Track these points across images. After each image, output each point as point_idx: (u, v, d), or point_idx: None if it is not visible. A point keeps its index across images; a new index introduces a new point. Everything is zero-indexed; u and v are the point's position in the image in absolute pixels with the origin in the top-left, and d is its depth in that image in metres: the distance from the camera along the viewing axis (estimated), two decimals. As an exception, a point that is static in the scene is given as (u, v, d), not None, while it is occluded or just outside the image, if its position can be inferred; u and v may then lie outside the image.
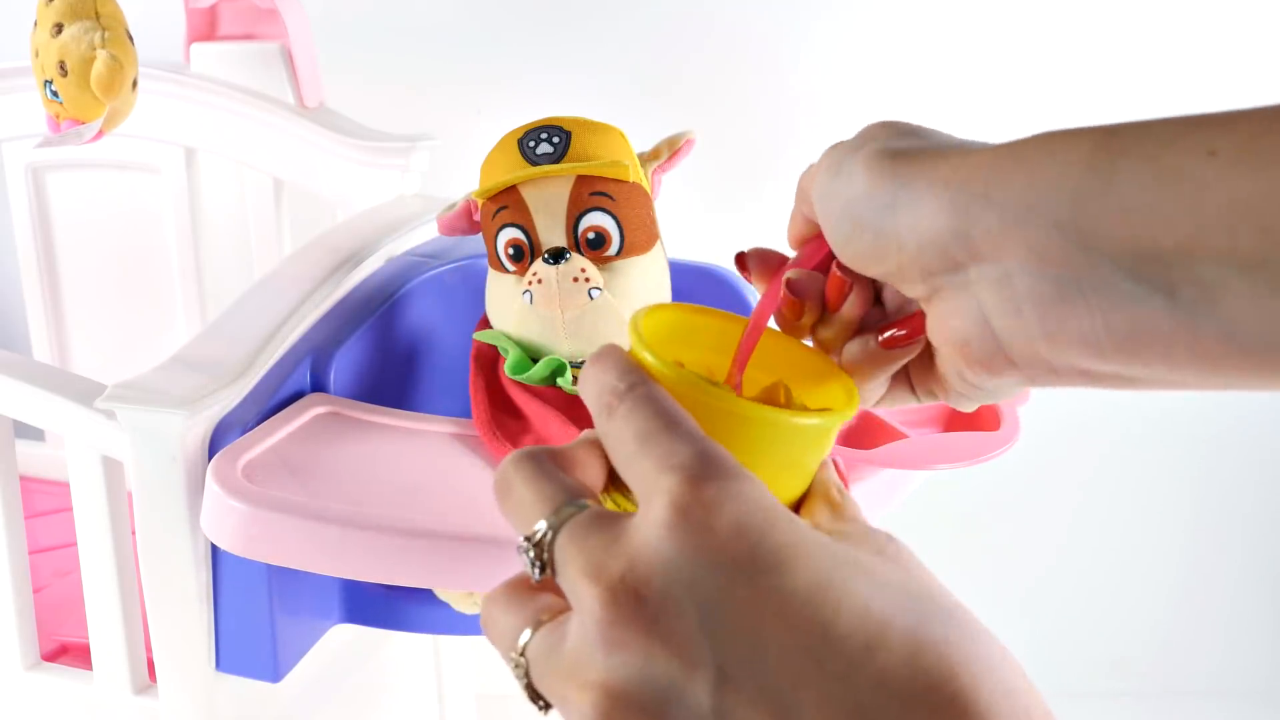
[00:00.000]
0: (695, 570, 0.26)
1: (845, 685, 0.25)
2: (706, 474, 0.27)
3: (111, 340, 1.07)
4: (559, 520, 0.29)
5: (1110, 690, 1.33)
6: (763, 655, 0.26)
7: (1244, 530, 1.30)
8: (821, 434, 0.32)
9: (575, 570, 0.28)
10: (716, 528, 0.27)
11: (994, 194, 0.31)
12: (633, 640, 0.26)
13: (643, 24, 1.14)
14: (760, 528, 0.27)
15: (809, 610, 0.26)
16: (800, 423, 0.32)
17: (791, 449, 0.32)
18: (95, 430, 0.61)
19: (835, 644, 0.26)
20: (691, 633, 0.26)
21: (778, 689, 0.26)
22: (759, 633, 0.26)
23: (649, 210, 0.60)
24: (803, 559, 0.27)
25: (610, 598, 0.27)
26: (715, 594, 0.26)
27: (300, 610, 0.62)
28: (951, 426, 0.60)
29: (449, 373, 0.72)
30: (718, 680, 0.26)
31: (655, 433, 0.29)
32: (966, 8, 1.12)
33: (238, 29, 0.98)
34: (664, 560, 0.27)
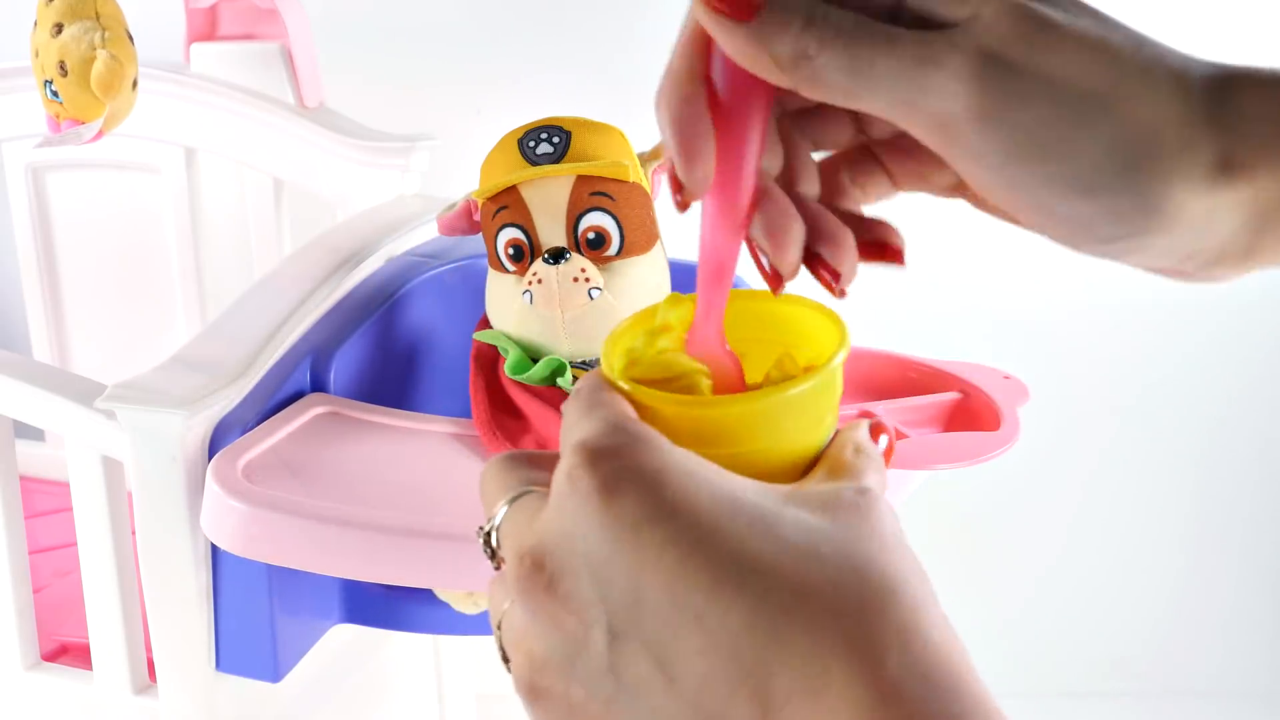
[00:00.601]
0: (584, 533, 0.27)
1: (719, 630, 0.26)
2: (601, 445, 0.28)
3: (111, 340, 1.07)
4: (509, 505, 0.31)
5: (1110, 690, 1.33)
6: (644, 609, 0.26)
7: (1244, 530, 1.30)
8: (801, 400, 0.31)
9: (506, 550, 0.30)
10: (598, 489, 0.27)
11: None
12: (540, 606, 0.28)
13: (642, 24, 1.14)
14: (644, 484, 0.27)
15: (687, 560, 0.26)
16: (766, 402, 0.31)
17: (776, 423, 0.31)
18: (95, 430, 0.61)
19: (713, 592, 0.26)
20: (584, 594, 0.27)
21: (659, 641, 0.26)
22: (640, 588, 0.26)
23: (649, 210, 0.60)
24: (684, 511, 0.27)
25: (520, 569, 0.28)
26: (601, 553, 0.27)
27: (300, 610, 0.62)
28: (951, 426, 0.60)
29: (449, 373, 0.72)
30: (610, 635, 0.27)
31: (575, 421, 0.30)
32: None
33: (238, 29, 0.98)
34: (557, 528, 0.28)
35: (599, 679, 0.27)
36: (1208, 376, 1.24)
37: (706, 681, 0.26)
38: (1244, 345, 1.22)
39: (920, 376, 0.63)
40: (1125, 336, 1.22)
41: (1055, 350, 1.22)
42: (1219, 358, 1.23)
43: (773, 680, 0.25)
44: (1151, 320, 1.22)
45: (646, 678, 0.26)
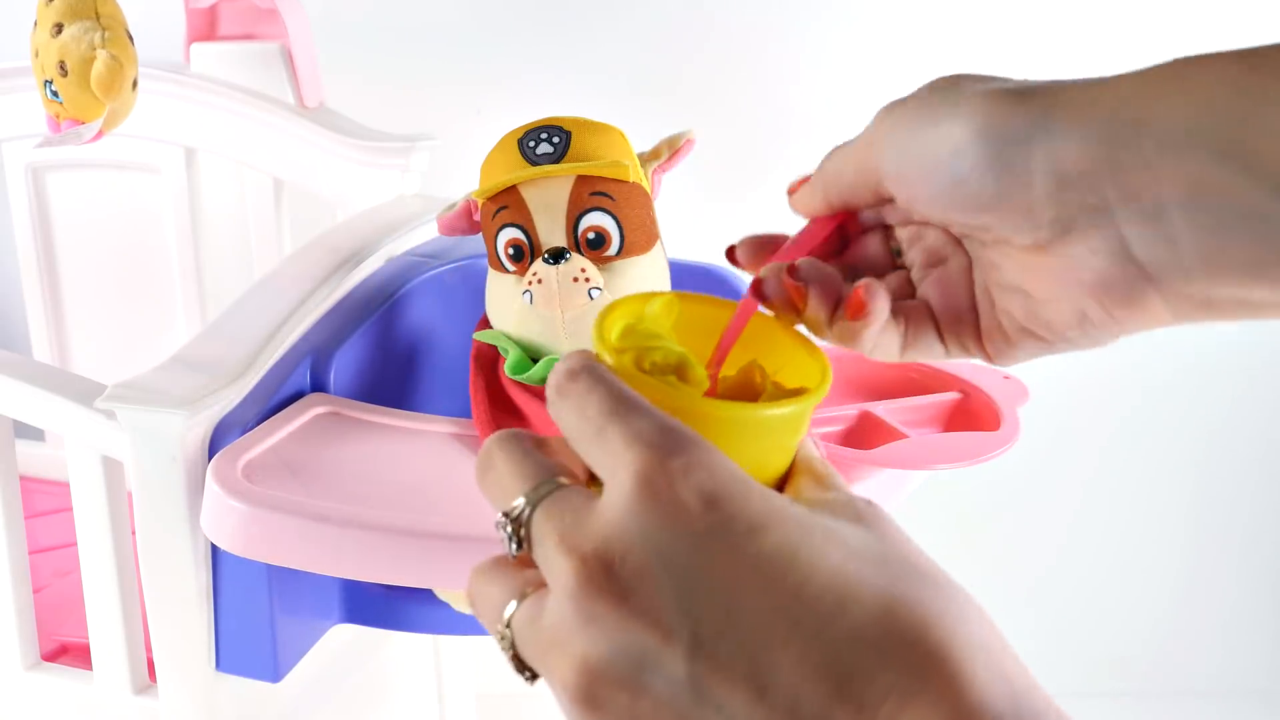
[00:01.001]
0: (666, 540, 0.27)
1: (819, 642, 0.26)
2: (670, 447, 0.28)
3: (111, 340, 1.07)
4: (536, 497, 0.30)
5: (1110, 690, 1.33)
6: (736, 620, 0.26)
7: (1244, 530, 1.30)
8: (793, 420, 0.32)
9: (550, 546, 0.28)
10: (685, 498, 0.27)
11: (1149, 119, 0.30)
12: (607, 613, 0.27)
13: (643, 24, 1.14)
14: (730, 496, 0.27)
15: (781, 573, 0.26)
16: (767, 414, 0.31)
17: (762, 438, 0.32)
18: (95, 430, 0.61)
19: (808, 603, 0.26)
20: (665, 602, 0.26)
21: (752, 651, 0.26)
22: (732, 598, 0.26)
23: (649, 210, 0.60)
24: (774, 526, 0.27)
25: (584, 571, 0.27)
26: (687, 563, 0.27)
27: (300, 610, 0.62)
28: (951, 426, 0.60)
29: (449, 373, 0.72)
30: (692, 648, 0.26)
31: (614, 412, 0.29)
32: (964, 7, 1.12)
33: (238, 29, 0.98)
34: (634, 532, 0.27)
35: (675, 691, 0.26)
36: (1208, 377, 1.24)
37: (803, 689, 0.25)
38: (1244, 346, 1.22)
39: (920, 376, 0.63)
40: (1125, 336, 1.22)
41: (1055, 350, 1.22)
42: (1219, 358, 1.23)
43: (871, 686, 0.25)
44: (1151, 320, 1.22)
45: (734, 688, 0.26)
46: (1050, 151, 0.32)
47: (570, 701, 0.28)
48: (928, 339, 0.39)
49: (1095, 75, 0.32)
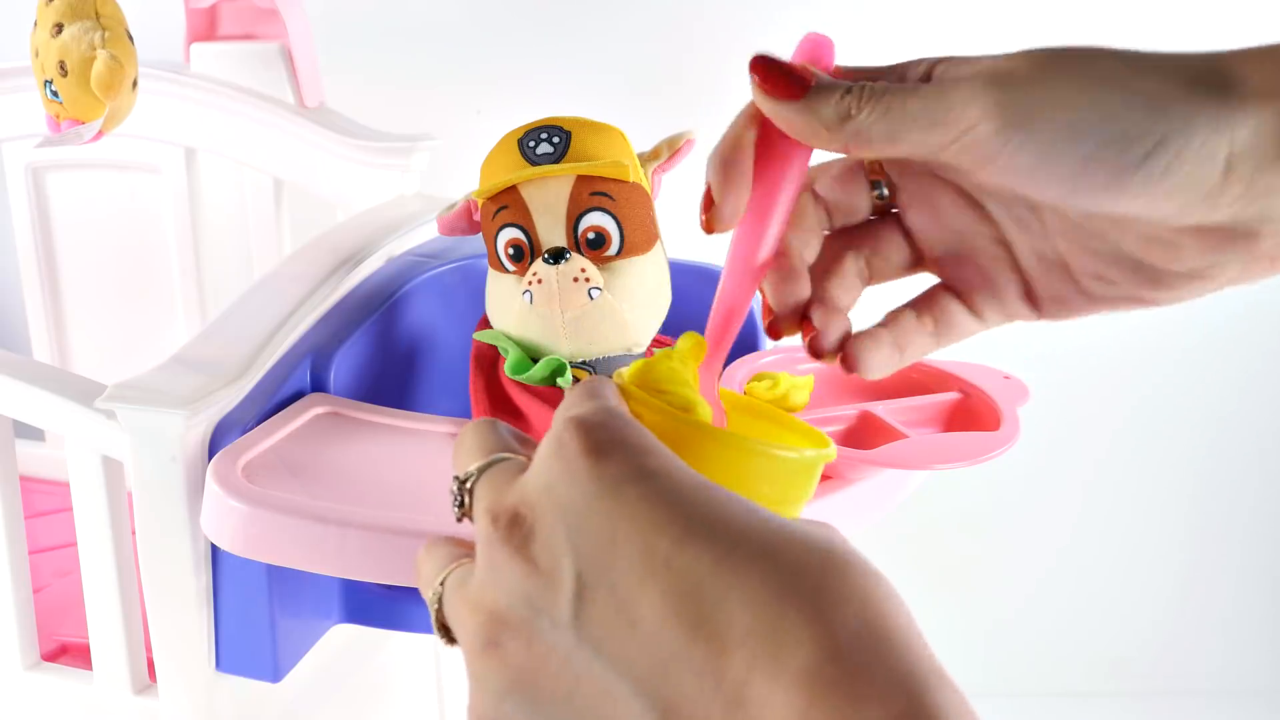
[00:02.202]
0: (566, 489, 0.28)
1: (685, 574, 0.26)
2: (593, 419, 0.29)
3: (111, 340, 1.07)
4: (486, 466, 0.32)
5: (1110, 690, 1.33)
6: (615, 558, 0.27)
7: (1244, 530, 1.30)
8: (787, 470, 0.33)
9: (481, 509, 0.30)
10: (587, 450, 0.28)
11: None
12: (507, 562, 0.28)
13: (642, 24, 1.14)
14: (631, 450, 0.28)
15: (663, 512, 0.27)
16: (766, 451, 0.32)
17: (756, 479, 0.32)
18: (95, 430, 0.61)
19: (684, 540, 0.27)
20: (558, 549, 0.28)
21: (625, 587, 0.27)
22: (614, 538, 0.27)
23: (649, 210, 0.60)
24: (667, 474, 0.28)
25: (495, 524, 0.29)
26: (580, 509, 0.28)
27: (300, 610, 0.62)
28: (951, 426, 0.60)
29: (449, 373, 0.72)
30: (577, 590, 0.27)
31: (572, 403, 0.31)
32: (964, 8, 1.12)
33: (238, 29, 0.98)
34: (541, 485, 0.29)
35: (562, 632, 0.28)
36: (1208, 377, 1.24)
37: (666, 622, 0.26)
38: (1244, 346, 1.23)
39: (920, 376, 0.63)
40: (1125, 336, 1.22)
41: (1055, 350, 1.22)
42: (1219, 358, 1.23)
43: (731, 623, 0.25)
44: (1151, 320, 1.21)
45: (609, 626, 0.27)
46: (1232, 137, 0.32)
47: (471, 651, 0.29)
48: (959, 319, 0.40)
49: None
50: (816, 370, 0.64)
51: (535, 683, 0.28)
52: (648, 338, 0.60)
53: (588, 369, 0.59)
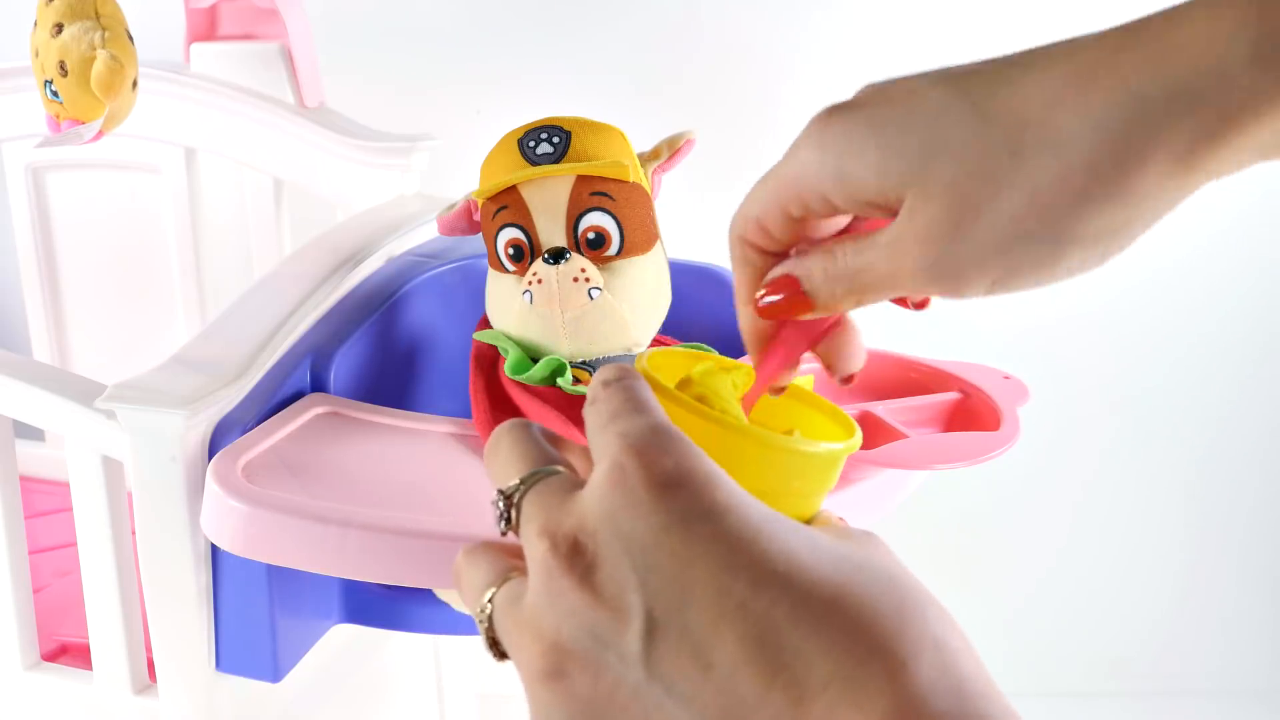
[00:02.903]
0: (628, 523, 0.28)
1: (762, 624, 0.26)
2: (651, 441, 0.29)
3: (111, 340, 1.07)
4: (532, 480, 0.31)
5: (1110, 690, 1.33)
6: (688, 600, 0.27)
7: (1243, 530, 1.30)
8: (817, 461, 0.33)
9: (533, 527, 0.29)
10: (653, 482, 0.28)
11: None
12: (570, 591, 0.28)
13: (642, 24, 1.14)
14: (698, 483, 0.28)
15: (734, 555, 0.27)
16: (795, 449, 0.32)
17: (784, 475, 0.32)
18: (95, 430, 0.61)
19: (758, 585, 0.26)
20: (625, 583, 0.27)
21: (700, 631, 0.26)
22: (686, 577, 0.27)
23: (649, 210, 0.60)
24: (734, 511, 0.28)
25: (554, 551, 0.28)
26: (648, 543, 0.27)
27: (300, 610, 0.62)
28: (951, 426, 0.60)
29: (449, 373, 0.72)
30: (647, 627, 0.27)
31: (619, 413, 0.30)
32: (963, 9, 1.12)
33: (238, 29, 0.98)
34: (602, 514, 0.28)
35: (631, 668, 0.27)
36: (1207, 377, 1.24)
37: (743, 668, 0.26)
38: (1243, 345, 1.23)
39: (920, 376, 0.63)
40: (1125, 336, 1.22)
41: (1055, 350, 1.22)
42: (1218, 358, 1.23)
43: (810, 671, 0.25)
44: (1151, 320, 1.22)
45: (682, 666, 0.27)
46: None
47: (534, 679, 0.29)
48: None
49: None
50: (817, 370, 0.64)
51: (603, 716, 0.28)
52: (648, 338, 0.60)
53: (588, 369, 0.59)
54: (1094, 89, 0.30)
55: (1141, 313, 1.21)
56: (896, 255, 0.33)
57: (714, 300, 0.71)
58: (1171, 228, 1.01)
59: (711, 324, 0.70)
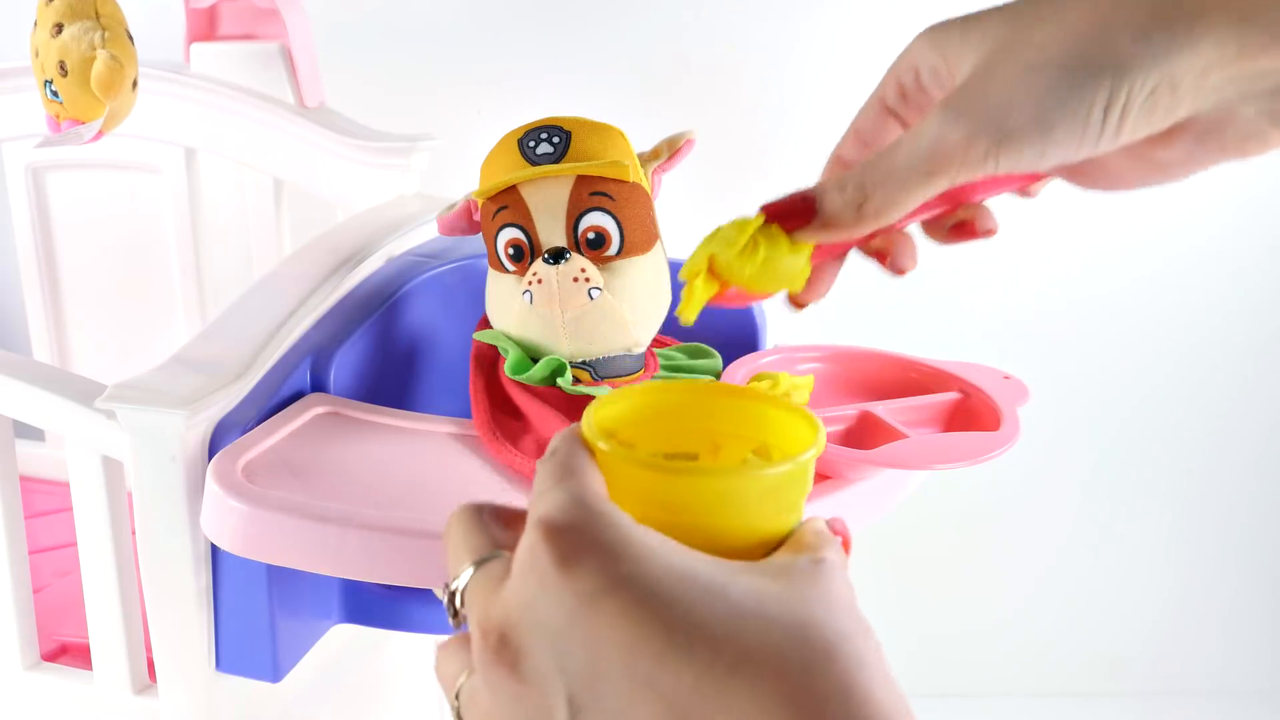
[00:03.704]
0: (545, 608, 0.28)
1: (670, 693, 0.26)
2: (561, 519, 0.29)
3: (111, 340, 1.07)
4: (473, 572, 0.32)
5: (1110, 690, 1.33)
6: (603, 680, 0.27)
7: (1243, 530, 1.30)
8: (781, 483, 0.33)
9: (472, 620, 0.31)
10: (560, 562, 0.28)
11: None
12: (503, 681, 0.29)
13: (643, 24, 1.14)
14: (603, 557, 0.28)
15: (640, 628, 0.27)
16: (739, 478, 0.32)
17: (746, 500, 0.32)
18: (95, 430, 0.61)
19: (664, 657, 0.27)
20: (547, 670, 0.28)
21: (617, 708, 0.27)
22: (598, 659, 0.27)
23: (649, 210, 0.60)
24: (640, 581, 0.28)
25: (485, 644, 0.29)
26: (561, 628, 0.28)
27: (300, 610, 0.62)
28: (951, 426, 0.60)
29: (449, 373, 0.72)
30: (571, 714, 0.28)
31: (541, 491, 0.31)
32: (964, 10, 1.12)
33: (238, 29, 0.98)
34: (521, 604, 0.29)
35: None
36: (1206, 376, 1.24)
37: None
38: (1243, 345, 1.23)
39: (920, 376, 0.63)
40: (1125, 336, 1.22)
41: (1055, 350, 1.22)
42: (1218, 358, 1.23)
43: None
44: (1151, 320, 1.22)
45: None
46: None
47: None
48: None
49: None
50: (816, 370, 0.64)
51: None
52: (648, 337, 0.60)
53: (588, 369, 0.59)
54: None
55: (1141, 313, 1.21)
56: (933, 130, 0.36)
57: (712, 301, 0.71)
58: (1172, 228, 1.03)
59: (711, 324, 0.70)
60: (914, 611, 1.30)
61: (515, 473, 0.56)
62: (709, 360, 0.63)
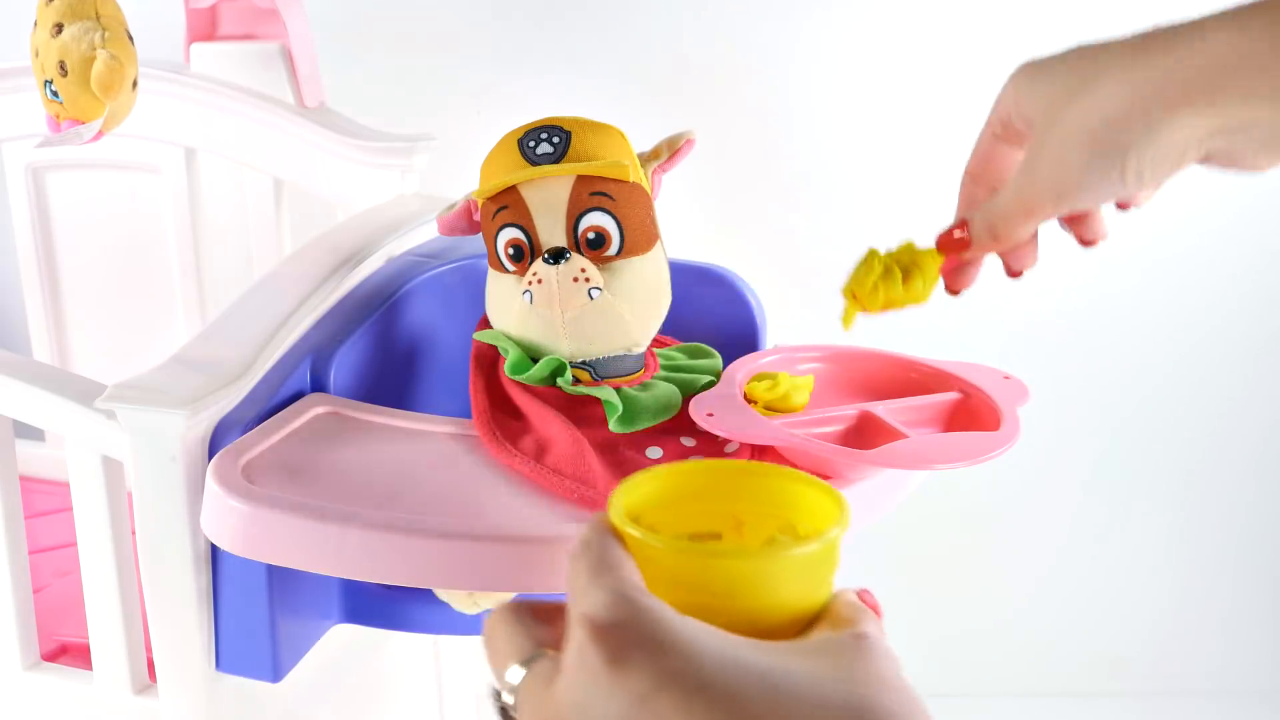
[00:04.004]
0: (598, 708, 0.29)
1: None
2: (607, 619, 0.30)
3: (111, 340, 1.07)
4: (521, 673, 0.32)
5: (1110, 690, 1.33)
6: None
7: (1243, 530, 1.30)
8: (812, 560, 0.33)
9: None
10: (610, 662, 0.29)
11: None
12: None
13: (643, 24, 1.14)
14: (653, 656, 0.28)
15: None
16: (773, 558, 0.33)
17: (780, 579, 0.33)
18: (95, 430, 0.61)
19: None
20: None
21: None
22: None
23: (649, 210, 0.60)
24: (690, 675, 0.28)
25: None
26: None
27: (300, 610, 0.62)
28: (951, 426, 0.60)
29: (449, 373, 0.72)
30: None
31: (582, 588, 0.31)
32: (965, 10, 1.12)
33: (238, 29, 0.98)
34: (573, 702, 0.29)
35: None
36: (1207, 376, 1.24)
37: None
38: (1243, 345, 1.23)
39: (920, 376, 0.63)
40: (1125, 336, 1.22)
41: (1055, 350, 1.22)
42: (1218, 357, 1.23)
43: None
44: (1151, 320, 1.22)
45: None
46: None
47: None
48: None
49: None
50: (816, 370, 0.64)
51: None
52: (648, 337, 0.60)
53: (588, 369, 0.59)
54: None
55: (1141, 313, 1.21)
56: (1018, 180, 0.49)
57: (714, 300, 0.71)
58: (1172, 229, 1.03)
59: (711, 324, 0.70)
60: (914, 611, 1.30)
61: (515, 473, 0.56)
62: (709, 360, 0.63)
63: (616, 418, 0.57)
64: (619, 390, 0.58)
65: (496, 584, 0.51)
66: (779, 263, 1.17)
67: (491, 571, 0.50)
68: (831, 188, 1.15)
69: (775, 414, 0.57)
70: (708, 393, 0.58)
